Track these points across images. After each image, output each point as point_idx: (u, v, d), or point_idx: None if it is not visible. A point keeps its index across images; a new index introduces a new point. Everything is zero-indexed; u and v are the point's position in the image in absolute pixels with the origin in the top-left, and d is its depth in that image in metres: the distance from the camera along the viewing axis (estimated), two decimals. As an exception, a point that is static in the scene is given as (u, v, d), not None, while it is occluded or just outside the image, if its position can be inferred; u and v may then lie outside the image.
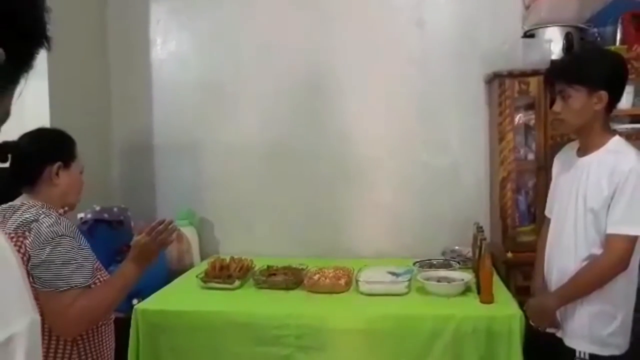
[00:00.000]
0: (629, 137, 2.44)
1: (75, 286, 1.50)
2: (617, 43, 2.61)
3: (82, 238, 1.61)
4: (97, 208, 2.72)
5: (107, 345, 1.67)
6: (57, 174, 1.62)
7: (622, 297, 1.84)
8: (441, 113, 3.05)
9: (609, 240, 1.79)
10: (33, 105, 2.64)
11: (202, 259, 3.11)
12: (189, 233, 3.08)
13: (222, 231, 3.27)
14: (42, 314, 1.49)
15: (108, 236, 2.65)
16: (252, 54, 3.17)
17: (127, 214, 2.80)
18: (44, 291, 1.48)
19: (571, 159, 1.96)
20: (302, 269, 2.67)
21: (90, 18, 3.15)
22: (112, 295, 1.60)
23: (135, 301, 2.42)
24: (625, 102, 2.47)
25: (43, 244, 1.49)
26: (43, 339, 1.54)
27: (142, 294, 2.47)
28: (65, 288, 1.49)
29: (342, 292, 2.46)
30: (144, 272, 1.65)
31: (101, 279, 1.63)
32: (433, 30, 3.05)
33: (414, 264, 2.71)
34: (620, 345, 1.84)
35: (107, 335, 1.67)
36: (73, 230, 1.57)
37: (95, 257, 1.67)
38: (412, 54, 3.05)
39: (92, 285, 1.57)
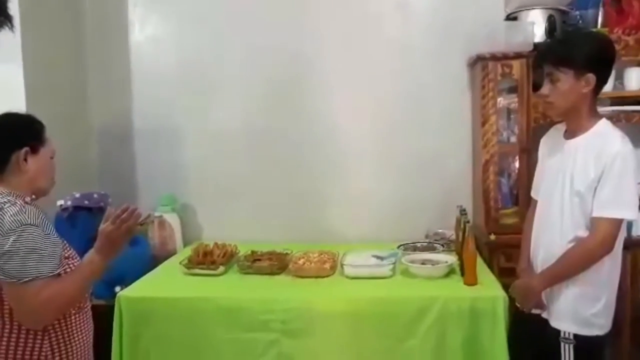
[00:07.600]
0: (610, 119, 2.46)
1: (40, 276, 1.47)
2: (599, 26, 2.63)
3: (50, 226, 1.57)
4: (77, 195, 2.68)
5: (82, 334, 1.64)
6: (25, 160, 1.58)
7: (606, 278, 1.86)
8: (424, 97, 3.04)
9: (594, 223, 1.80)
10: (8, 90, 2.59)
11: (185, 245, 3.08)
12: (171, 219, 3.04)
13: (205, 216, 3.23)
14: (9, 305, 1.47)
15: (88, 223, 2.60)
16: (234, 37, 3.12)
17: (108, 200, 2.75)
18: (8, 282, 1.46)
19: (558, 142, 1.96)
20: (287, 254, 2.67)
21: (66, 1, 3.06)
22: (77, 285, 1.56)
23: (118, 288, 2.40)
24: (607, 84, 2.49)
25: (6, 233, 1.45)
26: (12, 329, 1.52)
27: (125, 281, 2.44)
28: (29, 278, 1.45)
29: (327, 276, 2.47)
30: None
31: (72, 267, 1.60)
32: (415, 13, 3.03)
33: (398, 247, 2.72)
34: (604, 325, 1.88)
35: (81, 324, 1.64)
36: (39, 218, 1.52)
37: (66, 244, 1.63)
38: (394, 37, 3.03)
39: (62, 274, 1.54)
